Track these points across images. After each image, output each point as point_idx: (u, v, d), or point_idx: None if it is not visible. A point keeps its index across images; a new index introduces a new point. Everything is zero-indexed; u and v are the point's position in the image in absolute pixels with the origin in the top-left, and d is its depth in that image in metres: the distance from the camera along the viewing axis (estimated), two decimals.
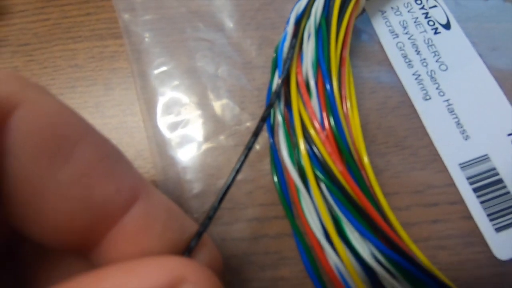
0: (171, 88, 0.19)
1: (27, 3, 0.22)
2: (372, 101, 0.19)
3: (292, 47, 0.15)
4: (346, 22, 0.16)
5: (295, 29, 0.16)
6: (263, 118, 0.13)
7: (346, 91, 0.15)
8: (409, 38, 0.19)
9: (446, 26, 0.20)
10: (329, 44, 0.15)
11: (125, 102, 0.20)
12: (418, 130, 0.18)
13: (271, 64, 0.16)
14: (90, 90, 0.20)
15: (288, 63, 0.15)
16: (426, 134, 0.18)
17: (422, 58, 0.19)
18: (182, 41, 0.20)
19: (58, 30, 0.21)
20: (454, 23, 0.20)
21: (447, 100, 0.18)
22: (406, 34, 0.19)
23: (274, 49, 0.18)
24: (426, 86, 0.18)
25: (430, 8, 0.20)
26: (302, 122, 0.14)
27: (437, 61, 0.19)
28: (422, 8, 0.20)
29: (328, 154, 0.13)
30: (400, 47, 0.19)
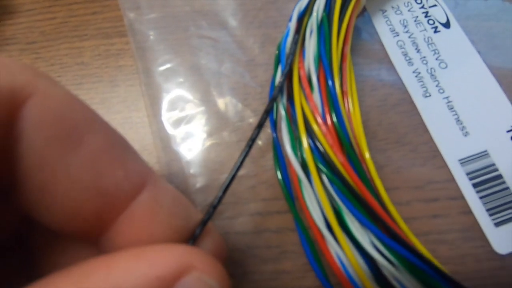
0: (176, 85, 0.19)
1: (35, 2, 0.22)
2: (373, 98, 0.19)
3: (294, 43, 0.15)
4: (347, 19, 0.16)
5: (298, 25, 0.16)
6: (267, 111, 0.13)
7: (348, 86, 0.15)
8: (409, 37, 0.19)
9: (446, 25, 0.20)
10: (330, 40, 0.15)
11: (130, 98, 0.20)
12: (418, 127, 0.18)
13: (274, 60, 0.17)
14: (96, 86, 0.20)
15: (290, 58, 0.15)
16: (426, 131, 0.18)
17: (422, 56, 0.19)
18: (186, 39, 0.20)
19: (65, 28, 0.21)
20: (453, 22, 0.20)
21: (447, 97, 0.18)
22: (407, 32, 0.19)
23: (276, 47, 0.18)
24: (426, 84, 0.18)
25: (430, 7, 0.20)
26: (304, 116, 0.14)
27: (437, 59, 0.19)
28: (422, 7, 0.20)
29: (329, 147, 0.14)
30: (400, 46, 0.19)
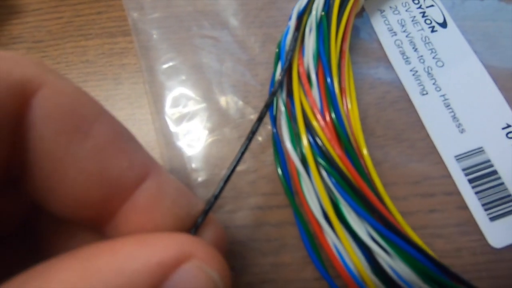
0: (178, 82, 0.19)
1: (41, 2, 0.22)
2: (371, 96, 0.19)
3: (294, 40, 0.15)
4: (345, 18, 0.16)
5: (297, 23, 0.16)
6: (267, 105, 0.13)
7: (346, 83, 0.16)
8: (406, 36, 0.20)
9: (443, 24, 0.20)
10: (329, 38, 0.16)
11: (133, 95, 0.20)
12: (416, 124, 0.18)
13: (274, 58, 0.17)
14: (100, 84, 0.20)
15: (290, 55, 0.15)
16: (423, 128, 0.18)
17: (420, 55, 0.19)
18: (188, 38, 0.20)
19: (71, 27, 0.22)
20: (450, 22, 0.20)
21: (444, 95, 0.18)
22: (404, 32, 0.20)
23: (276, 45, 0.18)
24: (423, 82, 0.19)
25: (427, 7, 0.20)
26: (304, 111, 0.15)
27: (434, 58, 0.19)
28: (420, 7, 0.20)
29: (327, 141, 0.14)
30: (398, 45, 0.19)
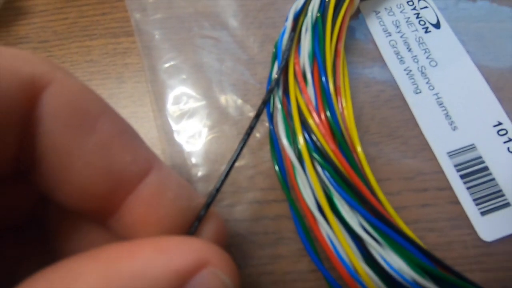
0: (179, 81, 0.20)
1: (47, 4, 0.23)
2: (366, 94, 0.19)
3: (290, 40, 0.16)
4: (340, 19, 0.17)
5: (294, 24, 0.16)
6: (264, 102, 0.14)
7: (341, 81, 0.16)
8: (401, 37, 0.20)
9: (436, 25, 0.20)
10: (324, 38, 0.16)
11: (136, 94, 0.20)
12: (409, 121, 0.18)
13: (272, 57, 0.17)
14: (104, 83, 0.21)
15: (286, 54, 0.15)
16: (416, 125, 0.18)
17: (413, 55, 0.19)
18: (189, 38, 0.21)
19: (76, 28, 0.22)
20: (444, 23, 0.20)
21: (437, 93, 0.19)
22: (399, 33, 0.20)
23: (274, 45, 0.18)
24: (417, 81, 0.19)
25: (421, 9, 0.20)
26: (299, 108, 0.15)
27: (427, 57, 0.19)
28: (414, 9, 0.20)
29: (322, 136, 0.14)
30: (392, 45, 0.20)
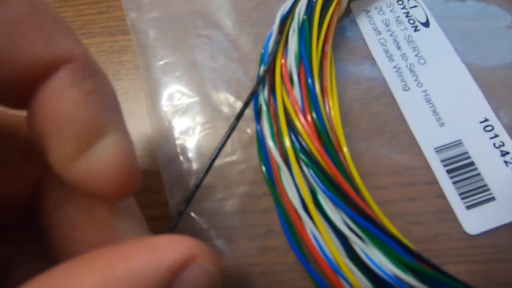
0: (173, 79, 0.20)
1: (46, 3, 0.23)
2: (356, 91, 0.19)
3: (276, 43, 0.16)
4: (327, 20, 0.17)
5: (280, 27, 0.16)
6: (246, 103, 0.14)
7: (328, 83, 0.16)
8: (390, 35, 0.20)
9: (426, 24, 0.20)
10: (311, 40, 0.16)
11: (131, 90, 0.20)
12: (398, 117, 0.19)
13: (259, 59, 0.17)
14: None
15: (272, 56, 0.16)
16: (405, 121, 0.18)
17: (403, 53, 0.20)
18: (183, 37, 0.21)
19: (73, 27, 0.22)
20: (433, 22, 0.20)
21: (425, 90, 0.19)
22: (388, 31, 0.20)
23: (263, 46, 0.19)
24: (406, 78, 0.19)
25: (411, 8, 0.21)
26: (285, 109, 0.15)
27: (416, 55, 0.20)
28: (404, 8, 0.21)
29: (308, 136, 0.14)
30: (382, 43, 0.20)
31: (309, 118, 0.15)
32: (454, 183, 0.17)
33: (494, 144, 0.18)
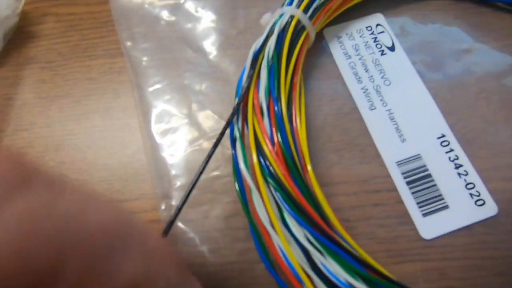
0: (163, 101, 0.22)
1: (53, 28, 0.25)
2: (330, 107, 0.21)
3: (249, 77, 0.17)
4: (296, 55, 0.18)
5: (253, 62, 0.18)
6: (222, 133, 0.15)
7: (296, 110, 0.18)
8: (359, 59, 0.22)
9: (391, 48, 0.22)
10: (279, 74, 0.17)
11: (128, 107, 0.22)
12: (366, 132, 0.20)
13: (235, 91, 0.19)
14: (101, 98, 0.23)
15: (245, 90, 0.17)
16: (371, 136, 0.20)
17: (370, 75, 0.21)
18: (172, 63, 0.23)
19: (78, 50, 0.24)
20: (398, 46, 0.22)
21: (389, 109, 0.21)
22: (358, 55, 0.22)
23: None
24: (372, 98, 0.21)
25: (378, 33, 0.22)
26: (256, 137, 0.17)
27: (382, 77, 0.21)
28: (372, 33, 0.22)
29: (274, 162, 0.16)
30: (352, 66, 0.22)
31: (276, 145, 0.16)
32: (413, 193, 0.19)
33: (449, 157, 0.19)
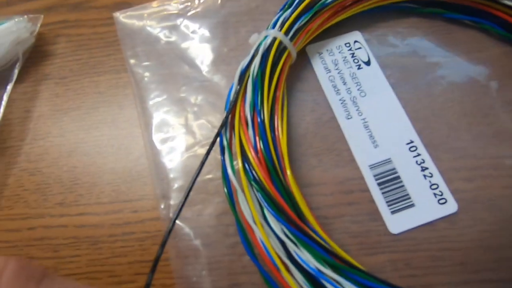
0: (163, 112, 0.23)
1: (65, 48, 0.27)
2: (311, 116, 0.23)
3: (236, 93, 0.19)
4: (278, 71, 0.20)
5: (240, 79, 0.20)
6: (212, 142, 0.17)
7: (279, 121, 0.19)
8: (338, 73, 0.23)
9: (367, 63, 0.24)
10: (262, 89, 0.19)
11: (132, 118, 0.24)
12: (342, 139, 0.22)
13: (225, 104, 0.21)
14: (108, 110, 0.25)
15: (233, 104, 0.19)
16: (347, 142, 0.22)
17: (347, 88, 0.23)
18: (171, 78, 0.24)
19: (87, 66, 0.26)
20: (373, 60, 0.24)
21: (364, 118, 0.22)
22: (337, 69, 0.24)
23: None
24: (349, 108, 0.22)
25: (356, 49, 0.24)
26: (242, 145, 0.18)
27: (358, 89, 0.23)
28: (350, 49, 0.24)
29: (257, 167, 0.17)
30: (331, 80, 0.23)
31: (259, 152, 0.18)
32: (383, 193, 0.20)
33: (416, 161, 0.21)
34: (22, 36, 0.25)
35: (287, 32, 0.21)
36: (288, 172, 0.19)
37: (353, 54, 0.24)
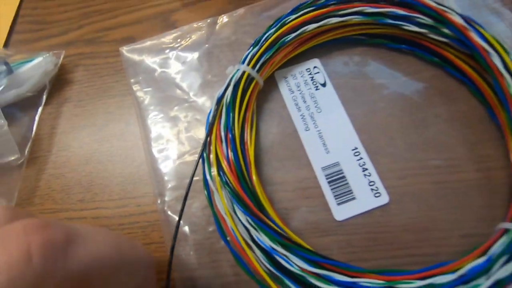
0: (159, 128, 0.27)
1: (82, 75, 0.31)
2: (277, 129, 0.26)
3: (213, 116, 0.22)
4: (247, 97, 0.23)
5: (217, 104, 0.23)
6: (199, 157, 0.21)
7: (248, 136, 0.22)
8: (300, 93, 0.27)
9: (324, 84, 0.27)
10: (234, 112, 0.22)
11: (136, 132, 0.27)
12: (301, 147, 0.25)
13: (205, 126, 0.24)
14: (117, 126, 0.28)
15: (211, 125, 0.22)
16: (305, 150, 0.25)
17: (307, 105, 0.27)
18: (165, 100, 0.27)
19: (100, 91, 0.30)
20: (328, 82, 0.28)
21: (319, 130, 0.26)
22: (299, 90, 0.27)
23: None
24: (307, 122, 0.26)
25: (315, 73, 0.28)
26: (217, 157, 0.22)
27: (315, 106, 0.26)
28: (310, 74, 0.28)
29: (229, 174, 0.21)
30: (294, 99, 0.27)
31: (230, 162, 0.21)
32: (332, 189, 0.23)
33: (359, 164, 0.24)
34: (48, 68, 0.29)
35: (255, 65, 0.25)
36: (254, 177, 0.23)
37: (312, 77, 0.28)
